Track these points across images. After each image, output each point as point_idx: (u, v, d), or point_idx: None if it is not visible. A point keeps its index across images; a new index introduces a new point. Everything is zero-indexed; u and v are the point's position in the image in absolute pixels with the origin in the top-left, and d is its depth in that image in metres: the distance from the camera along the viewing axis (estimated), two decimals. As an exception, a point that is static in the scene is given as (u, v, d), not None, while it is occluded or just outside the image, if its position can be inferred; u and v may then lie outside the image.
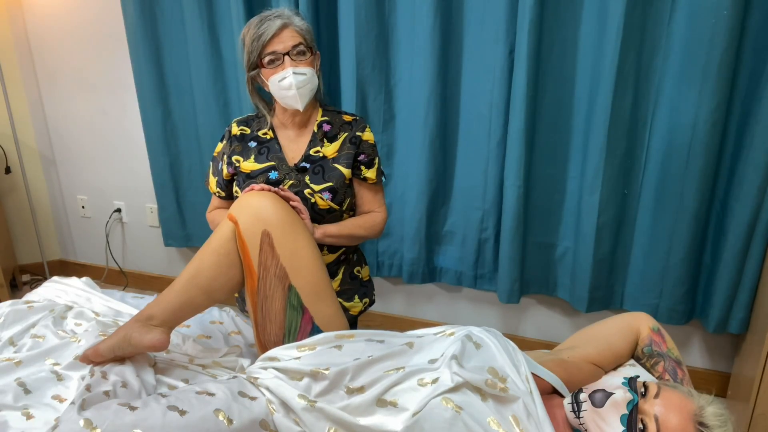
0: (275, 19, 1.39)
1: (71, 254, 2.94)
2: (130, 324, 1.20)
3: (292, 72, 1.38)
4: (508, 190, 1.92)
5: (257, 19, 1.42)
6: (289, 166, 1.50)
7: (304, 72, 1.40)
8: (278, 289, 1.23)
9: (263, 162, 1.51)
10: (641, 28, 1.69)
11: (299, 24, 1.42)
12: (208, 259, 1.24)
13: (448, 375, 1.00)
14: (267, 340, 1.27)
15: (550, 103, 1.85)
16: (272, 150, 1.52)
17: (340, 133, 1.52)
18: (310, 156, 1.50)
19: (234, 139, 1.56)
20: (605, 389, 1.02)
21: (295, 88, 1.39)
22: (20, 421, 1.11)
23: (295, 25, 1.41)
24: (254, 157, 1.52)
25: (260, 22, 1.40)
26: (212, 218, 1.63)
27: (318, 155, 1.50)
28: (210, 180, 1.62)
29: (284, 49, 1.38)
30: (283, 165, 1.50)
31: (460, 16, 1.88)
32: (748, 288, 1.74)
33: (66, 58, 2.52)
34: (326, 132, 1.51)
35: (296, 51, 1.39)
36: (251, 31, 1.41)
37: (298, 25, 1.41)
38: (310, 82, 1.42)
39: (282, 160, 1.51)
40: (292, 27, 1.40)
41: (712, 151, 1.68)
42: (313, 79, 1.43)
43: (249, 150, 1.53)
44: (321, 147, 1.50)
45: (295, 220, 1.26)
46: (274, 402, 1.08)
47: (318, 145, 1.51)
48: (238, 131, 1.56)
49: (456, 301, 2.31)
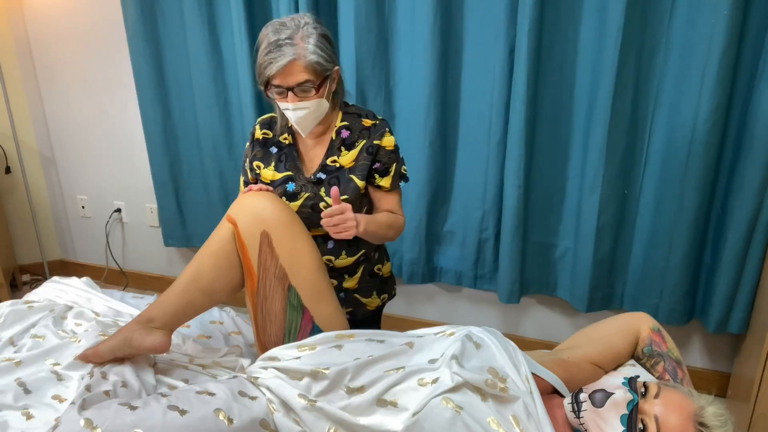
0: (287, 47, 1.30)
1: (71, 254, 2.94)
2: (131, 326, 1.20)
3: (293, 108, 1.36)
4: (508, 190, 1.92)
5: (272, 32, 1.33)
6: (305, 178, 1.48)
7: (306, 107, 1.36)
8: (278, 290, 1.23)
9: (282, 171, 1.49)
10: (641, 28, 1.69)
11: (310, 57, 1.31)
12: (207, 261, 1.24)
13: (448, 375, 1.00)
14: (267, 340, 1.27)
15: (550, 103, 1.85)
16: (290, 158, 1.50)
17: (358, 141, 1.46)
18: (327, 166, 1.47)
19: (256, 144, 1.54)
20: (605, 389, 1.02)
21: (294, 121, 1.38)
22: (20, 421, 1.11)
23: (306, 59, 1.31)
24: (274, 165, 1.50)
25: (273, 45, 1.31)
26: None
27: (334, 165, 1.47)
28: (242, 177, 1.62)
29: (288, 85, 1.33)
30: (300, 176, 1.48)
31: (460, 16, 1.88)
32: (748, 288, 1.74)
33: (66, 58, 2.52)
34: (344, 139, 1.47)
35: (301, 88, 1.34)
36: (262, 48, 1.34)
37: (309, 59, 1.31)
38: (313, 113, 1.38)
39: (299, 171, 1.49)
40: (301, 62, 1.32)
41: (712, 151, 1.68)
42: (318, 108, 1.39)
43: (270, 156, 1.52)
44: (338, 156, 1.47)
45: (293, 220, 1.26)
46: (274, 401, 1.08)
47: (335, 154, 1.47)
48: (260, 135, 1.54)
49: (456, 301, 2.31)
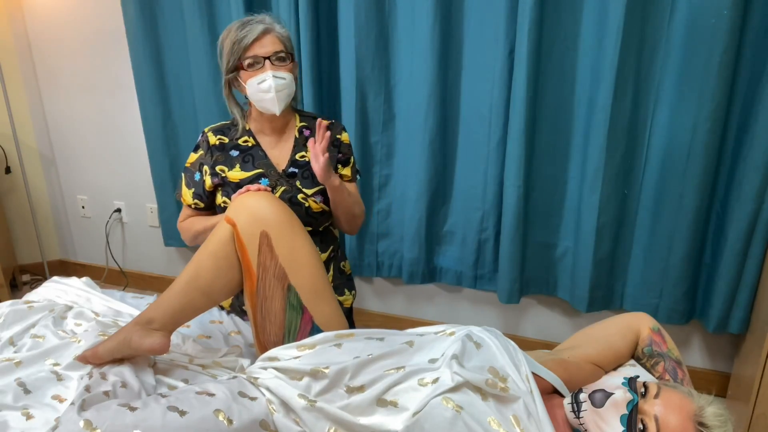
0: (257, 24, 1.42)
1: (71, 254, 2.94)
2: (130, 327, 1.20)
3: (272, 75, 1.40)
4: (508, 190, 1.91)
5: (238, 23, 1.44)
6: (278, 173, 1.52)
7: (284, 76, 1.43)
8: (277, 290, 1.23)
9: (250, 170, 1.52)
10: (641, 28, 1.69)
11: (280, 31, 1.45)
12: (206, 262, 1.24)
13: (448, 374, 1.00)
14: (267, 340, 1.26)
15: (550, 103, 1.85)
16: (257, 157, 1.53)
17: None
18: (297, 161, 1.53)
19: (214, 149, 1.55)
20: (605, 389, 1.02)
21: (274, 91, 1.41)
22: (20, 421, 1.11)
23: (277, 32, 1.44)
24: (239, 166, 1.52)
25: (241, 26, 1.42)
26: (188, 225, 1.59)
27: (304, 160, 1.54)
28: (183, 192, 1.59)
29: (265, 54, 1.41)
30: (272, 171, 1.52)
31: (460, 16, 1.88)
32: (748, 288, 1.74)
33: (66, 58, 2.52)
34: (306, 137, 1.55)
35: (276, 57, 1.42)
36: (231, 34, 1.43)
37: (280, 32, 1.45)
38: (289, 87, 1.45)
39: (270, 167, 1.52)
40: (273, 33, 1.43)
41: (711, 151, 1.68)
42: (292, 85, 1.46)
43: (232, 159, 1.54)
44: (305, 151, 1.54)
45: (292, 219, 1.26)
46: (274, 402, 1.08)
47: (302, 150, 1.54)
48: (216, 140, 1.55)
49: (456, 301, 2.31)
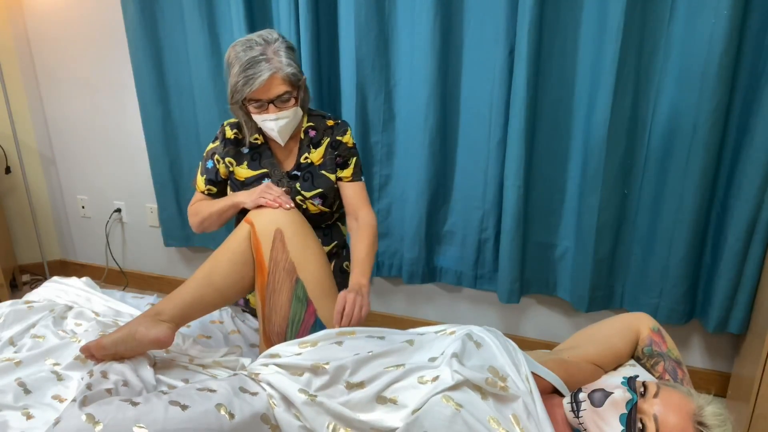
0: (263, 63, 1.35)
1: (71, 254, 2.94)
2: (139, 319, 1.24)
3: (275, 118, 1.43)
4: (508, 190, 1.91)
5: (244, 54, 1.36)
6: (281, 173, 1.54)
7: (287, 116, 1.44)
8: (286, 282, 1.29)
9: (256, 168, 1.55)
10: (641, 28, 1.69)
11: (287, 70, 1.39)
12: (222, 258, 1.32)
13: (448, 373, 1.00)
14: (271, 330, 1.31)
15: (550, 103, 1.85)
16: (265, 156, 1.56)
17: (323, 139, 1.56)
18: (300, 164, 1.55)
19: (228, 143, 1.57)
20: (604, 389, 1.02)
21: (276, 130, 1.45)
22: (20, 421, 1.11)
23: (284, 72, 1.38)
24: (247, 164, 1.55)
25: (248, 63, 1.35)
26: (196, 209, 1.58)
27: (306, 162, 1.55)
28: (198, 178, 1.63)
29: (269, 98, 1.41)
30: (276, 171, 1.54)
31: (460, 16, 1.88)
32: (748, 288, 1.74)
33: (66, 58, 2.52)
34: (312, 138, 1.56)
35: (280, 99, 1.42)
36: (236, 68, 1.37)
37: (286, 71, 1.38)
38: (293, 119, 1.47)
39: (275, 167, 1.55)
40: (279, 75, 1.38)
41: (712, 151, 1.68)
42: (296, 115, 1.48)
43: (242, 156, 1.56)
44: (308, 153, 1.55)
45: (306, 224, 1.37)
46: (274, 397, 1.09)
47: (306, 151, 1.56)
48: (232, 135, 1.57)
49: (456, 301, 2.31)
